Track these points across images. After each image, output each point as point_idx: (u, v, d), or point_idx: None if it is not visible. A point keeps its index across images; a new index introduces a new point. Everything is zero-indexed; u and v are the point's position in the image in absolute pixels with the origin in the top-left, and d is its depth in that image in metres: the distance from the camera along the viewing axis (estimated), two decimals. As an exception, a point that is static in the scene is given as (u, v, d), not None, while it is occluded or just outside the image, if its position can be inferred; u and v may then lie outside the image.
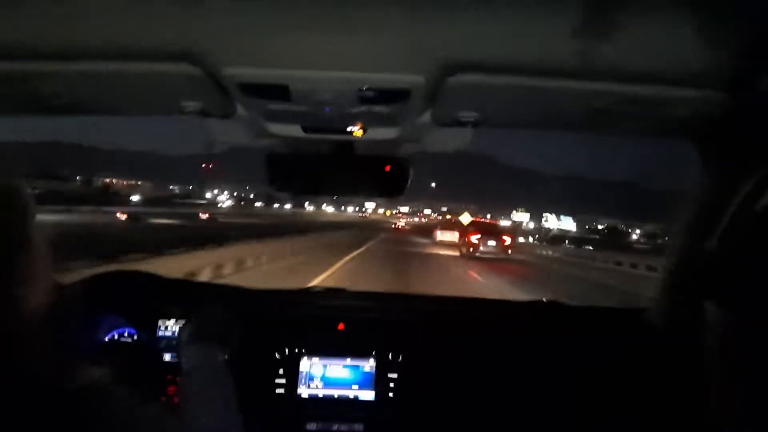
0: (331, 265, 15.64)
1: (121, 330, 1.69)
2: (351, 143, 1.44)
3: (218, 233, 16.29)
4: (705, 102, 1.06)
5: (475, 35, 0.93)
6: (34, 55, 1.00)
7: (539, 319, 1.89)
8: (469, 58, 0.98)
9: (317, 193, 1.53)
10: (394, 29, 0.91)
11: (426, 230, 51.38)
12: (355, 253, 20.80)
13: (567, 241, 72.87)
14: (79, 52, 0.99)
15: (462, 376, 1.72)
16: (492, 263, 21.37)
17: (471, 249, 23.85)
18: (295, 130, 1.34)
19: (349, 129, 1.32)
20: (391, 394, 1.68)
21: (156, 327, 1.72)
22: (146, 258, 10.65)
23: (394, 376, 1.69)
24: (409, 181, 1.44)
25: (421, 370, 1.70)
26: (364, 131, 1.33)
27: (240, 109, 1.27)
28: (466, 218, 35.48)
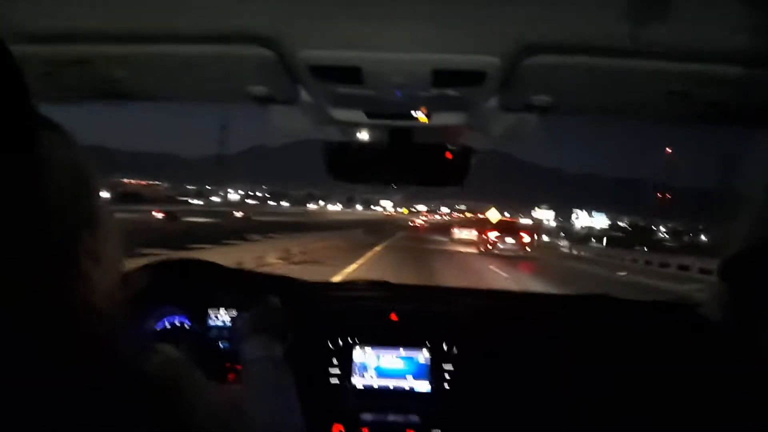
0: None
1: (172, 318, 1.69)
2: (410, 130, 1.42)
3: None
4: None
5: (553, 14, 0.90)
6: (104, 38, 0.99)
7: (592, 312, 1.86)
8: (546, 38, 0.95)
9: (374, 182, 1.51)
10: (472, 9, 0.89)
11: (443, 228, 50.57)
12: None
13: (594, 239, 65.23)
14: (154, 35, 0.99)
15: (517, 369, 1.69)
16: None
17: (489, 246, 23.82)
18: (357, 116, 1.32)
19: (413, 114, 1.30)
20: (446, 386, 1.66)
21: (206, 316, 1.72)
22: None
23: (450, 367, 1.66)
24: (471, 170, 1.41)
25: (476, 362, 1.67)
26: (428, 117, 1.31)
27: (303, 95, 1.26)
28: (494, 215, 32.82)
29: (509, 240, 23.59)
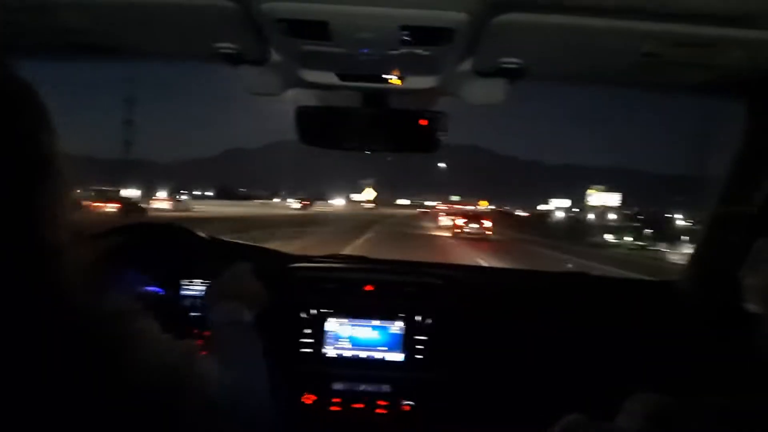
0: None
1: (146, 288, 1.67)
2: (385, 95, 1.40)
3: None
4: (760, 46, 1.01)
5: None
6: None
7: (567, 288, 1.87)
8: None
9: (348, 148, 1.49)
10: None
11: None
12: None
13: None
14: None
15: (490, 341, 1.69)
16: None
17: (458, 230, 29.37)
18: (329, 77, 1.30)
19: (385, 76, 1.28)
20: (419, 356, 1.66)
21: (182, 285, 1.71)
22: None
23: (423, 338, 1.66)
24: (446, 135, 1.40)
25: (449, 334, 1.68)
26: (401, 80, 1.29)
27: (274, 55, 1.23)
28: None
29: (473, 225, 29.31)
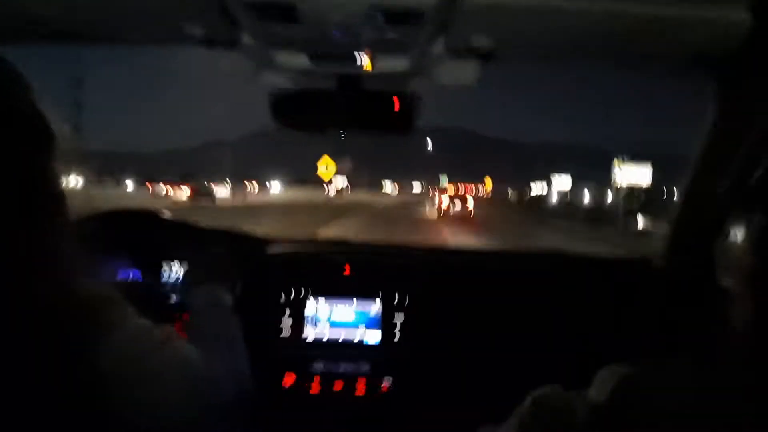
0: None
1: (125, 274, 1.67)
2: (359, 77, 1.40)
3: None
4: (727, 24, 1.02)
5: None
6: None
7: (544, 267, 1.90)
8: None
9: (323, 131, 1.49)
10: None
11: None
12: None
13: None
14: None
15: (468, 320, 1.72)
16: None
17: (443, 209, 32.53)
18: (301, 60, 1.30)
19: (357, 58, 1.28)
20: (397, 336, 1.68)
21: (160, 270, 1.70)
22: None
23: (402, 319, 1.69)
24: (419, 117, 1.41)
25: (427, 313, 1.70)
26: (373, 61, 1.29)
27: (245, 38, 1.22)
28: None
29: (457, 205, 32.46)
